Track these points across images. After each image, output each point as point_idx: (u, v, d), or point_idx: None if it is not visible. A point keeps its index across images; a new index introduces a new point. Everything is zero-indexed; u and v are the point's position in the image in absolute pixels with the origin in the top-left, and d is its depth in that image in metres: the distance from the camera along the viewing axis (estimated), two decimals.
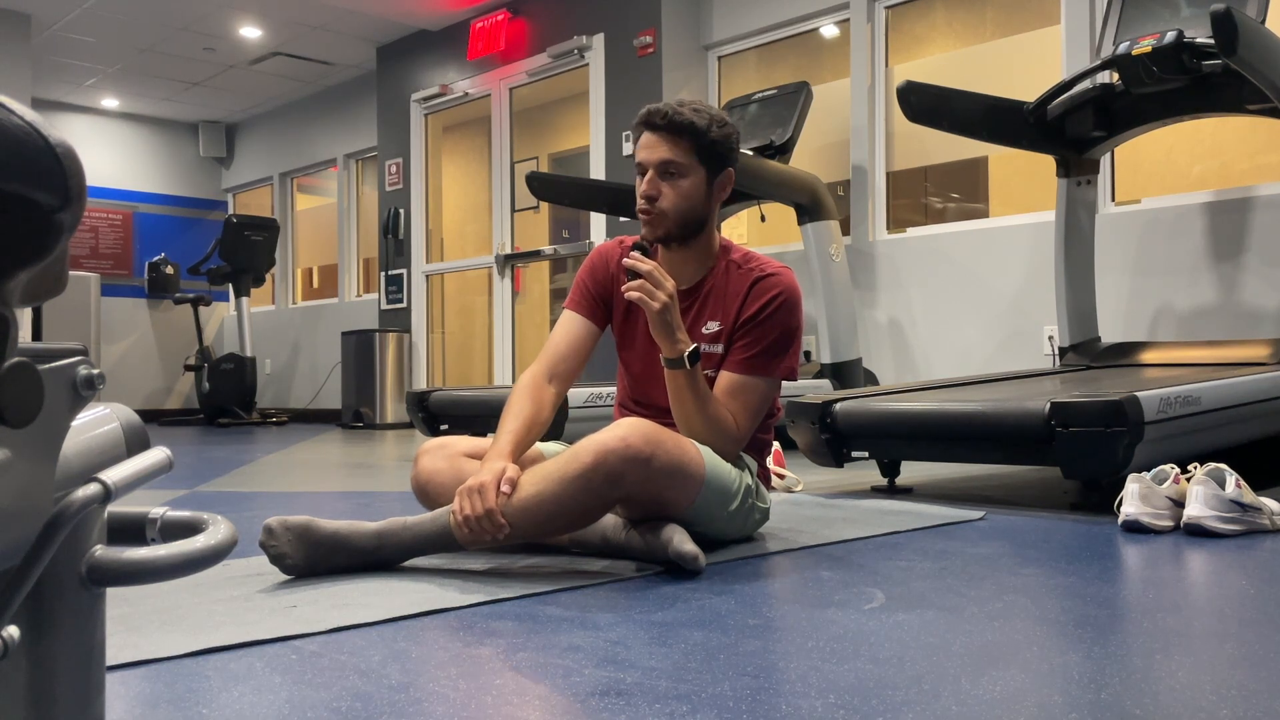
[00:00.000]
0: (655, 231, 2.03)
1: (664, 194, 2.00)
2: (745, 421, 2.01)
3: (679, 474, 1.83)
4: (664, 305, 1.87)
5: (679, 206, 2.01)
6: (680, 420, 1.98)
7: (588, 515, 1.83)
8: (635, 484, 1.77)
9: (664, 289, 1.88)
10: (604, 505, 1.81)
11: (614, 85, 6.17)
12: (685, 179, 2.00)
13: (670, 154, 1.99)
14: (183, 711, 1.08)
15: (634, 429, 1.79)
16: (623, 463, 1.75)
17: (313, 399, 8.91)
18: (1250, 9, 3.15)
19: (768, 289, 2.04)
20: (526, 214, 7.17)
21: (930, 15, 5.30)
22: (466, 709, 1.07)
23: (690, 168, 2.00)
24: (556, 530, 1.86)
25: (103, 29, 7.42)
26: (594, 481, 1.75)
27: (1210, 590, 1.67)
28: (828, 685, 1.13)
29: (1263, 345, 3.39)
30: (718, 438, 1.97)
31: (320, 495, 3.25)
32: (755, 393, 2.02)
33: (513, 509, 1.75)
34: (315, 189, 9.54)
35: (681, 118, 1.99)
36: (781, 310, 2.03)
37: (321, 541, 1.77)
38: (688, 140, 1.99)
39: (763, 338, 2.02)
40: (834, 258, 4.72)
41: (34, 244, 0.53)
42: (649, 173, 2.01)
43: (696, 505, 1.89)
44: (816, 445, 3.02)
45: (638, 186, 2.04)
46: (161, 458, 0.63)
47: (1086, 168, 3.87)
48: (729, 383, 2.02)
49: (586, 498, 1.77)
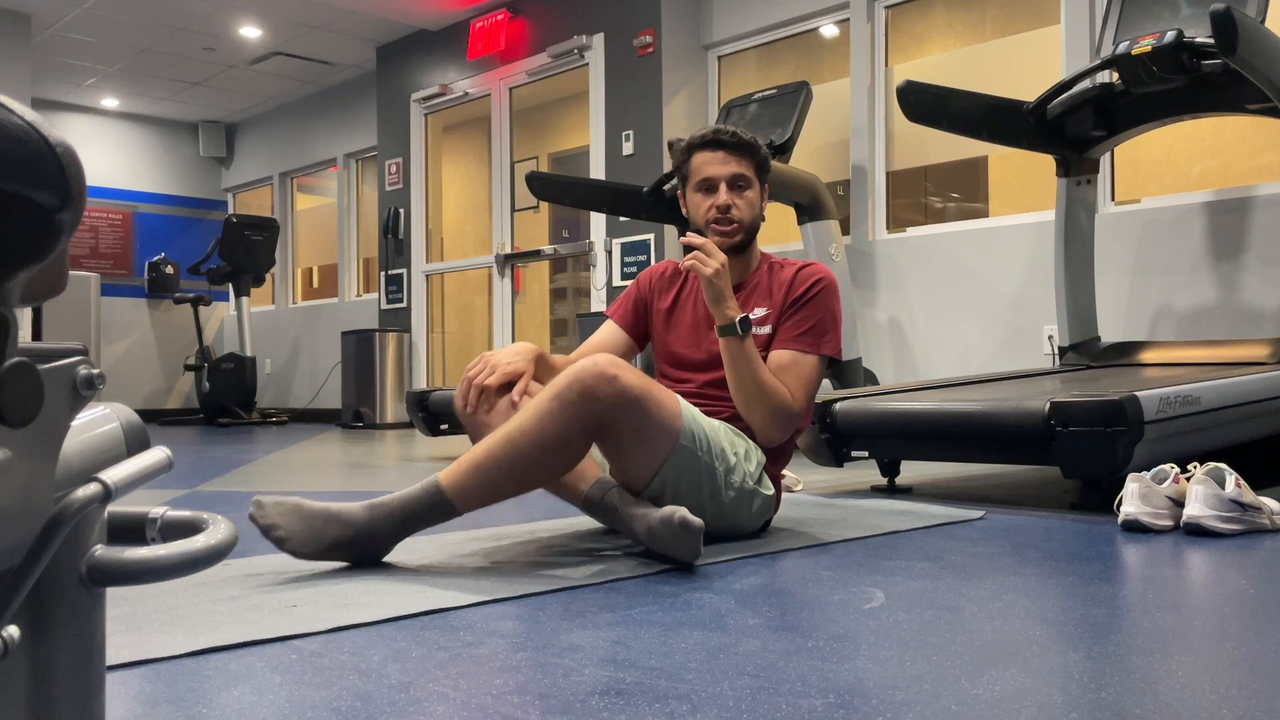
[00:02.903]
0: (731, 239, 2.21)
1: (736, 205, 2.21)
2: (800, 393, 2.11)
3: (649, 402, 1.89)
4: (716, 271, 2.03)
5: (750, 215, 2.23)
6: (736, 389, 2.07)
7: (570, 449, 1.87)
8: (607, 403, 1.84)
9: (716, 258, 2.04)
10: (583, 432, 1.85)
11: (614, 85, 6.17)
12: (751, 190, 2.24)
13: (740, 168, 2.22)
14: (183, 711, 1.08)
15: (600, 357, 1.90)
16: (594, 378, 1.84)
17: (313, 399, 8.91)
18: (1250, 9, 3.15)
19: (811, 275, 2.22)
20: (526, 214, 7.17)
21: (930, 15, 5.30)
22: (466, 709, 1.07)
23: (752, 181, 2.24)
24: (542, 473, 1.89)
25: (102, 29, 7.42)
26: (570, 399, 1.83)
27: (1210, 590, 1.67)
28: (828, 685, 1.13)
29: (1263, 345, 3.39)
30: (774, 405, 2.07)
31: (320, 495, 3.24)
32: (807, 366, 2.14)
33: (484, 455, 1.84)
34: (315, 189, 9.54)
35: (747, 137, 2.24)
36: (824, 292, 2.20)
37: (314, 514, 1.79)
38: (749, 157, 2.24)
39: (810, 316, 2.18)
40: (834, 257, 4.72)
41: (34, 244, 0.53)
42: (720, 186, 2.20)
43: (680, 456, 1.92)
44: (816, 445, 3.02)
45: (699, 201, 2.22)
46: (161, 458, 0.63)
47: (1086, 167, 3.87)
48: (781, 358, 2.15)
49: (564, 423, 1.83)
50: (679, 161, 2.29)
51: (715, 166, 2.21)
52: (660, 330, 2.34)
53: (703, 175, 2.22)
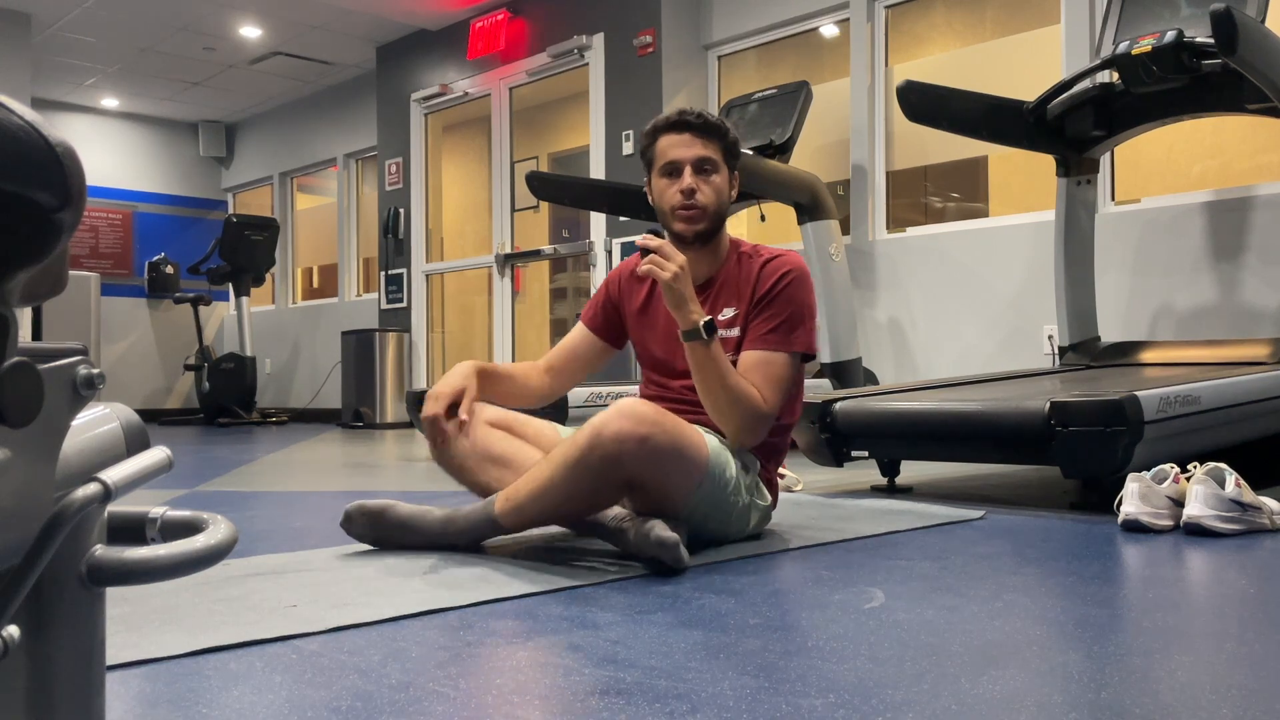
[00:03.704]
0: (695, 226, 2.11)
1: (701, 189, 2.10)
2: (771, 394, 2.02)
3: (678, 454, 1.84)
4: (675, 275, 1.93)
5: (716, 201, 2.12)
6: (704, 395, 2.00)
7: (597, 499, 1.85)
8: (635, 464, 1.79)
9: (675, 260, 1.94)
10: (611, 488, 1.83)
11: (614, 85, 6.17)
12: (717, 174, 2.12)
13: (706, 151, 2.11)
14: (183, 711, 1.08)
15: (627, 409, 1.81)
16: (616, 443, 1.77)
17: (313, 399, 8.91)
18: (1250, 9, 3.15)
19: (778, 268, 2.12)
20: (526, 214, 7.17)
21: (930, 15, 5.30)
22: (466, 709, 1.07)
23: (719, 165, 2.13)
24: (573, 514, 1.92)
25: (102, 29, 7.42)
26: (592, 464, 1.79)
27: (1210, 590, 1.67)
28: (828, 685, 1.13)
29: (1263, 345, 3.39)
30: (744, 411, 1.99)
31: (321, 495, 3.25)
32: (777, 365, 2.05)
33: (527, 496, 1.86)
34: (315, 189, 9.54)
35: (712, 118, 2.12)
36: (793, 286, 2.10)
37: (394, 526, 1.98)
38: (716, 139, 2.12)
39: (778, 313, 2.08)
40: (834, 257, 4.72)
41: (34, 244, 0.53)
42: (685, 169, 2.09)
43: (700, 493, 1.90)
44: (816, 445, 3.02)
45: (664, 187, 2.12)
46: (161, 457, 0.63)
47: (1086, 167, 3.87)
48: (750, 359, 2.06)
49: (591, 482, 1.81)
50: (644, 145, 2.17)
51: (680, 149, 2.10)
52: (637, 332, 2.26)
53: (667, 159, 2.11)
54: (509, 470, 1.99)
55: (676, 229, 2.11)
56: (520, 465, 1.99)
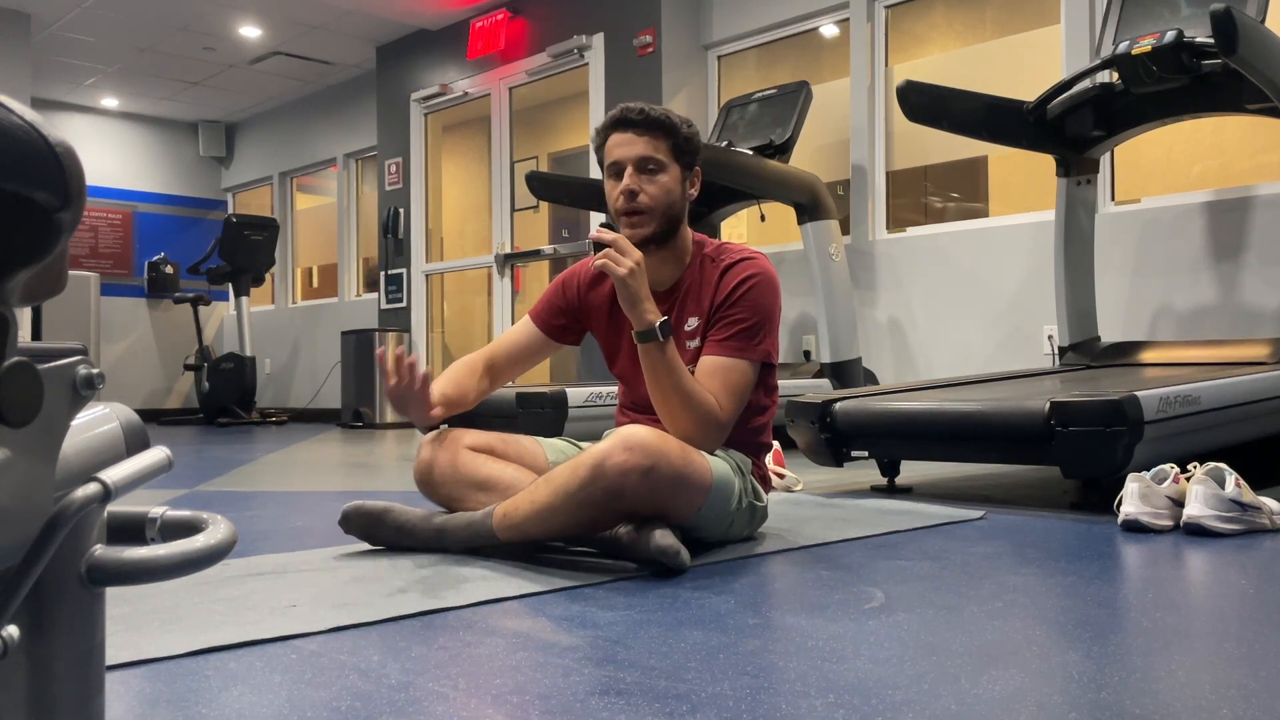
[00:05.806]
0: (640, 231, 2.01)
1: (645, 190, 2.00)
2: (727, 401, 1.95)
3: (683, 484, 1.82)
4: (630, 271, 1.87)
5: (662, 201, 2.01)
6: (657, 400, 1.93)
7: (597, 526, 1.84)
8: (637, 496, 1.77)
9: (630, 256, 1.88)
10: (613, 515, 1.81)
11: (614, 85, 6.16)
12: (664, 174, 2.02)
13: (648, 150, 2.00)
14: (183, 711, 1.08)
15: (631, 440, 1.77)
16: (620, 476, 1.74)
17: (312, 399, 8.91)
18: (1250, 9, 3.15)
19: (738, 274, 2.03)
20: (526, 213, 7.17)
21: (930, 15, 5.30)
22: (466, 709, 1.07)
23: (666, 164, 2.02)
24: (572, 537, 1.91)
25: (102, 29, 7.42)
26: (594, 496, 1.77)
27: (1210, 589, 1.67)
28: (828, 685, 1.13)
29: (1262, 345, 3.39)
30: (699, 417, 1.91)
31: (321, 495, 3.25)
32: (735, 372, 1.97)
33: (525, 518, 1.84)
34: (315, 189, 9.54)
35: (657, 114, 2.02)
36: (753, 292, 2.01)
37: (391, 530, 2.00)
38: (663, 137, 2.02)
39: (737, 320, 2.00)
40: (834, 257, 4.72)
41: (34, 244, 0.53)
42: (627, 169, 2.00)
43: (703, 512, 1.89)
44: (816, 445, 3.02)
45: (610, 188, 2.04)
46: (161, 457, 0.63)
47: (1086, 167, 3.87)
48: (707, 365, 1.99)
49: (592, 511, 1.79)
50: (596, 145, 2.09)
51: (622, 149, 2.01)
52: (605, 341, 2.19)
53: (611, 158, 2.02)
54: (495, 494, 1.96)
55: (624, 233, 2.01)
56: (506, 488, 1.95)
